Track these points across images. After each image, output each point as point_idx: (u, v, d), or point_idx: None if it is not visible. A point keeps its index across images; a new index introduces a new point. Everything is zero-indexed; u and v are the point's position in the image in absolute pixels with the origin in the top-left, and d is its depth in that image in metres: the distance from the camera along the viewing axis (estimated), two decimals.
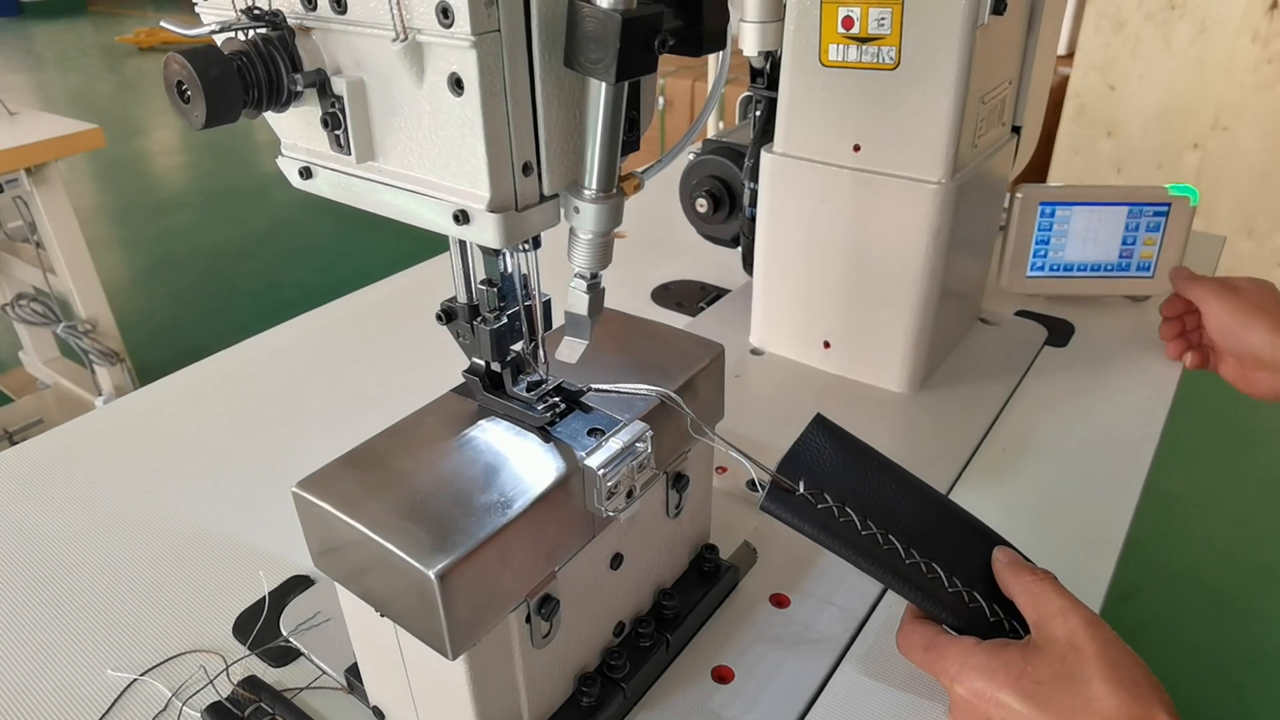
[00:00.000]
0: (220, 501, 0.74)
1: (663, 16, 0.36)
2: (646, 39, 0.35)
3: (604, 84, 0.36)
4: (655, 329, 0.58)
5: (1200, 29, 2.45)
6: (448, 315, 0.48)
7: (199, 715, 0.55)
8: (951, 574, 0.47)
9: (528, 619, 0.46)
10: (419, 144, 0.38)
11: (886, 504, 0.48)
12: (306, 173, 0.44)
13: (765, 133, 0.84)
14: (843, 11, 0.73)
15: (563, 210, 0.40)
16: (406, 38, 0.36)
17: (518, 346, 0.49)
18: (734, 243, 0.97)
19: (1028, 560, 0.50)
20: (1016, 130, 0.89)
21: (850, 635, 0.59)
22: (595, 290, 0.42)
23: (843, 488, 0.47)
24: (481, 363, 0.49)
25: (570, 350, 0.46)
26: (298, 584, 0.65)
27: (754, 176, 0.86)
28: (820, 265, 0.83)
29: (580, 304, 0.42)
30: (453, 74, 0.35)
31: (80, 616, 0.63)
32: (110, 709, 0.56)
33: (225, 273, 3.44)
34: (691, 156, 0.95)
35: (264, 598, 0.63)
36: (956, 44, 0.70)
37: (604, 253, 0.40)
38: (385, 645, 0.48)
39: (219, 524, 0.72)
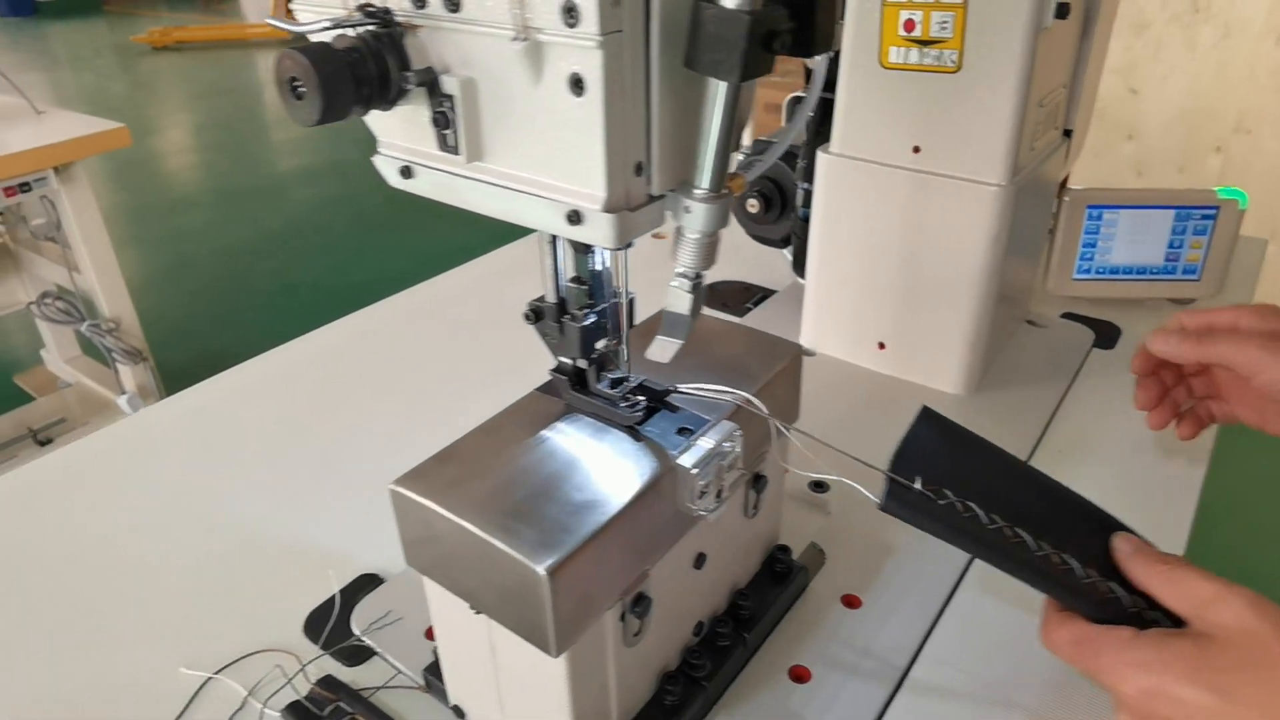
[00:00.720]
0: (280, 501, 0.74)
1: (782, 18, 0.36)
2: (767, 40, 0.35)
3: (723, 84, 0.36)
4: (732, 328, 0.58)
5: (1224, 32, 2.44)
6: (536, 315, 0.48)
7: (278, 715, 0.55)
8: (1084, 563, 0.45)
9: (622, 617, 0.46)
10: (531, 144, 0.38)
11: (1004, 493, 0.46)
12: (407, 172, 0.44)
13: (819, 133, 0.84)
14: (904, 15, 0.73)
15: (669, 210, 0.40)
16: (527, 38, 0.36)
17: (601, 344, 0.49)
18: (784, 243, 0.97)
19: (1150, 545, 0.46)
20: (1067, 134, 0.89)
21: (924, 633, 0.59)
22: (698, 290, 0.42)
23: (959, 480, 0.46)
24: (569, 361, 0.49)
25: (663, 349, 0.46)
26: (366, 583, 0.65)
27: (808, 177, 0.86)
28: (876, 266, 0.83)
29: (682, 303, 0.42)
30: (574, 74, 0.35)
31: (149, 615, 0.64)
32: (187, 707, 0.57)
33: (241, 273, 3.45)
34: (741, 157, 0.95)
35: (334, 597, 0.63)
36: (1019, 47, 0.70)
37: (711, 252, 0.40)
38: (474, 643, 0.48)
39: (280, 524, 0.72)
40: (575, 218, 0.38)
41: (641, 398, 0.49)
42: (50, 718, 0.56)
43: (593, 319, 0.47)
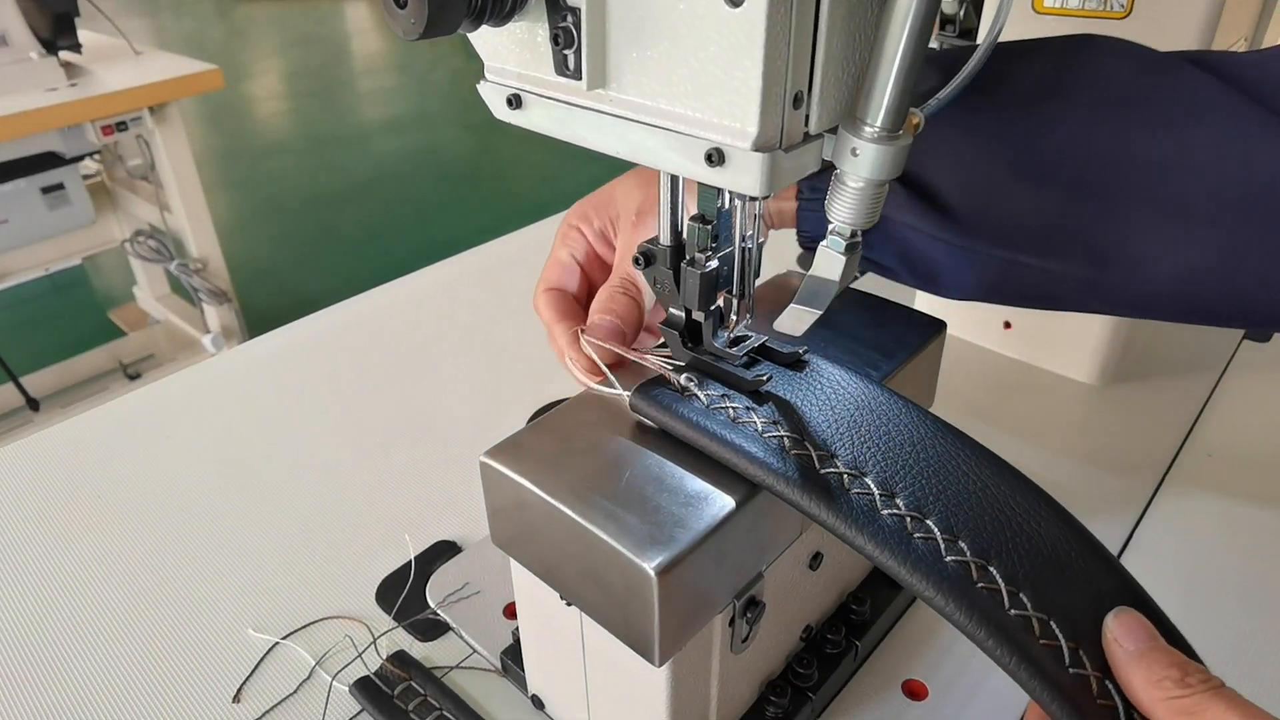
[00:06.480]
0: (358, 456, 0.71)
1: None
2: None
3: None
4: (864, 298, 0.52)
5: None
6: (646, 259, 0.42)
7: (346, 689, 0.51)
8: (1075, 640, 0.29)
9: (731, 622, 0.40)
10: (667, 67, 0.32)
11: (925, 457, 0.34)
12: (515, 101, 0.38)
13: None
14: None
15: (828, 152, 0.34)
16: None
17: (722, 296, 0.43)
18: None
19: (1177, 637, 0.30)
20: None
21: None
22: (854, 252, 0.35)
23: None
24: (680, 314, 0.42)
25: (797, 320, 0.39)
26: (444, 550, 0.61)
27: None
28: None
29: (832, 267, 0.36)
30: None
31: (216, 570, 0.61)
32: (254, 672, 0.53)
33: (327, 219, 3.48)
34: None
35: (409, 563, 0.60)
36: None
37: (876, 206, 0.34)
38: (562, 635, 0.43)
39: (356, 480, 0.68)
40: (715, 158, 0.32)
41: (761, 361, 0.43)
42: (115, 665, 0.54)
43: (715, 264, 0.41)
